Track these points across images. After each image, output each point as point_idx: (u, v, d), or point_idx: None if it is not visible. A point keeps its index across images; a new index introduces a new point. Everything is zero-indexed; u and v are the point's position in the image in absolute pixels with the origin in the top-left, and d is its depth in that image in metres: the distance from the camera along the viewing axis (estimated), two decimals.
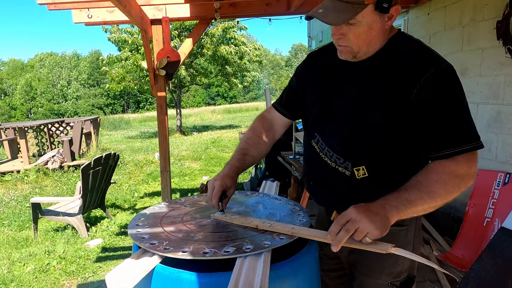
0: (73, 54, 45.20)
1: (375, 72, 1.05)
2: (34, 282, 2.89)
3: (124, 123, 20.45)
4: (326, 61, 1.20)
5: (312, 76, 1.24)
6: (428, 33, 3.58)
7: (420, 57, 1.01)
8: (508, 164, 2.74)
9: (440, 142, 0.98)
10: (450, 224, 3.28)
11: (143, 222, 1.17)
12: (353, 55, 1.06)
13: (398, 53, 1.04)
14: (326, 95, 1.16)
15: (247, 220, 1.13)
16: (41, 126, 8.35)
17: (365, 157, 1.06)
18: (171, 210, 1.29)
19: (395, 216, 0.93)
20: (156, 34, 3.38)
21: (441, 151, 0.98)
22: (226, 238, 1.03)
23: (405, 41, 1.07)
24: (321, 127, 1.16)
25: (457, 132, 0.97)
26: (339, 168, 1.11)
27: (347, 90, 1.11)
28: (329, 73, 1.17)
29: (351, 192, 1.05)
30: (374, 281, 1.18)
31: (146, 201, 5.16)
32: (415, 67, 0.99)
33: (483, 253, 2.42)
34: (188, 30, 12.16)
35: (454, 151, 0.96)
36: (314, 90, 1.21)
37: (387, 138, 1.03)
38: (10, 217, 4.53)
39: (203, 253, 0.93)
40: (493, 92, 2.83)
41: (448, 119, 0.97)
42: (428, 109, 0.98)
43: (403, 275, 1.16)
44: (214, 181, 1.19)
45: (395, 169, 1.07)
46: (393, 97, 1.01)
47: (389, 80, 1.02)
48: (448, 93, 0.97)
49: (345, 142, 1.09)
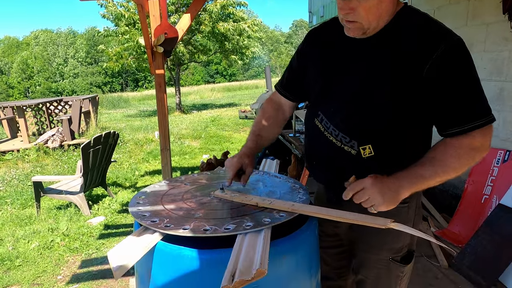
0: (68, 31, 44.27)
1: (383, 48, 1.02)
2: (39, 258, 2.95)
3: (123, 102, 20.29)
4: (328, 37, 1.16)
5: (314, 50, 1.20)
6: (432, 7, 3.48)
7: (429, 31, 0.98)
8: (508, 142, 2.73)
9: (455, 118, 0.97)
10: (448, 201, 3.32)
11: (143, 200, 1.18)
12: (363, 31, 1.02)
13: (406, 27, 1.01)
14: (330, 71, 1.13)
15: (247, 198, 1.13)
16: (40, 105, 8.29)
17: (372, 136, 1.05)
18: (172, 188, 1.29)
19: (407, 193, 0.96)
20: (153, 9, 3.28)
21: (456, 127, 0.97)
22: (226, 215, 1.04)
23: (412, 15, 1.03)
24: (324, 105, 1.13)
25: (471, 108, 0.96)
26: (345, 147, 1.09)
27: (353, 67, 1.07)
28: (333, 48, 1.14)
29: (355, 171, 1.04)
30: (375, 257, 1.18)
31: (147, 179, 5.19)
32: (424, 42, 0.96)
33: (480, 229, 2.46)
34: (186, 6, 11.84)
35: (469, 127, 0.95)
36: (317, 65, 1.18)
37: (395, 115, 1.02)
38: (12, 195, 4.58)
39: (203, 230, 0.94)
40: (496, 68, 2.78)
41: (462, 95, 0.96)
42: (441, 86, 0.96)
43: (403, 251, 1.17)
44: (231, 159, 1.26)
45: (401, 148, 1.06)
46: (402, 73, 0.98)
47: (397, 56, 0.99)
48: (461, 69, 0.96)
49: (351, 121, 1.07)
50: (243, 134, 8.67)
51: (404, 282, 1.22)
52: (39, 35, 41.88)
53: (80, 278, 2.65)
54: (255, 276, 0.78)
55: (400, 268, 1.17)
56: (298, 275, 1.05)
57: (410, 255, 1.19)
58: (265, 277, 0.80)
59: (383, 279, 1.20)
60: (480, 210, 2.72)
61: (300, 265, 1.05)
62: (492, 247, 2.33)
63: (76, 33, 44.05)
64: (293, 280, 1.03)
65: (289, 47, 49.19)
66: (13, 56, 41.02)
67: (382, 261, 1.17)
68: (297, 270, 1.04)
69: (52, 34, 42.21)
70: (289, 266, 1.00)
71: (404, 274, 1.20)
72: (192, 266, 0.92)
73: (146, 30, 3.29)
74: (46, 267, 2.81)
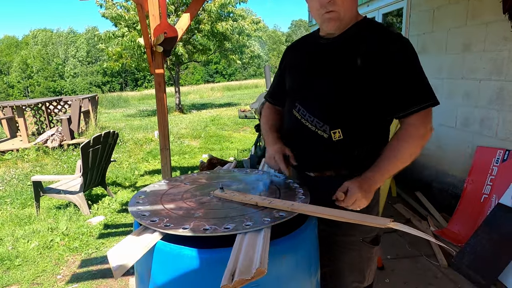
0: (69, 30, 44.22)
1: (349, 48, 1.22)
2: (39, 258, 2.95)
3: (122, 101, 20.27)
4: (302, 46, 1.43)
5: (291, 56, 1.45)
6: (432, 7, 3.49)
7: (386, 35, 1.20)
8: (508, 141, 2.73)
9: (402, 101, 1.17)
10: (447, 200, 3.32)
11: (143, 199, 1.18)
12: (340, 22, 1.21)
13: (368, 32, 1.22)
14: (305, 69, 1.33)
15: (247, 198, 1.14)
16: (39, 104, 8.28)
17: (342, 121, 1.22)
18: (171, 187, 1.29)
19: (378, 186, 1.18)
20: (153, 9, 3.28)
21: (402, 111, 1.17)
22: (226, 215, 1.04)
23: (371, 23, 1.26)
24: (301, 98, 1.32)
25: (413, 92, 1.16)
26: (318, 131, 1.25)
27: (325, 65, 1.27)
28: (306, 52, 1.37)
29: (326, 153, 1.25)
30: (349, 239, 1.31)
31: (147, 179, 5.19)
32: (382, 43, 1.18)
33: (479, 229, 2.46)
34: (185, 5, 11.83)
35: (413, 110, 1.15)
36: (293, 66, 1.41)
37: (360, 103, 1.21)
38: (12, 195, 4.57)
39: (203, 229, 0.94)
40: (496, 68, 2.78)
41: (408, 81, 1.16)
42: (393, 75, 1.16)
43: (372, 233, 1.32)
44: (271, 152, 1.35)
45: (365, 133, 1.25)
46: (365, 67, 1.17)
47: (362, 54, 1.18)
48: (408, 62, 1.16)
49: (324, 108, 1.25)
50: (242, 133, 8.67)
51: (374, 264, 1.38)
52: (37, 35, 41.82)
53: (80, 278, 2.65)
54: (254, 275, 0.78)
55: (370, 249, 1.32)
56: (298, 274, 1.05)
57: (378, 237, 1.35)
58: (265, 276, 0.80)
59: (356, 258, 1.33)
60: (480, 210, 2.73)
61: (300, 265, 1.05)
62: (491, 246, 2.33)
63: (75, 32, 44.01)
64: (293, 279, 1.03)
65: None
66: (12, 55, 40.97)
67: (355, 242, 1.31)
68: (297, 269, 1.04)
69: (51, 34, 42.14)
70: (289, 266, 1.00)
71: (373, 255, 1.35)
72: (192, 265, 0.92)
73: (145, 30, 3.28)
74: (46, 267, 2.81)
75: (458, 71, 3.17)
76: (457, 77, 3.20)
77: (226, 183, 1.27)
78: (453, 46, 3.24)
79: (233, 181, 1.34)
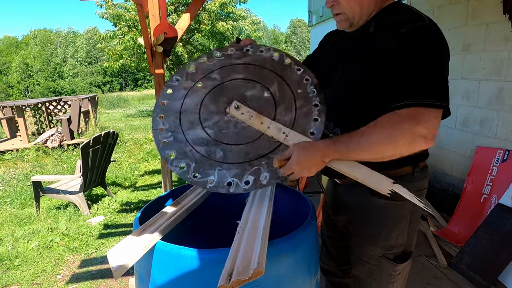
0: (69, 30, 44.23)
1: (362, 40, 1.10)
2: (39, 258, 2.95)
3: (122, 101, 20.26)
4: (332, 39, 1.33)
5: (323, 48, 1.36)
6: (432, 6, 3.48)
7: (402, 18, 1.00)
8: (508, 141, 2.73)
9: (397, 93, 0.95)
10: (447, 200, 3.32)
11: (163, 121, 1.16)
12: (350, 22, 1.11)
13: (388, 20, 1.04)
14: (325, 66, 1.27)
15: (263, 124, 1.09)
16: (39, 104, 8.28)
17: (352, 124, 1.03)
18: (188, 95, 1.21)
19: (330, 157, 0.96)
20: (153, 9, 3.28)
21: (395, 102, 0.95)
22: (244, 157, 1.06)
23: (398, 9, 1.07)
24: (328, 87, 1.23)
25: (409, 85, 0.94)
26: (330, 134, 1.19)
27: (339, 61, 1.19)
28: (331, 47, 1.30)
29: None
30: (368, 252, 1.19)
31: (146, 179, 5.19)
32: (394, 27, 0.99)
33: (479, 229, 2.46)
34: (185, 5, 11.83)
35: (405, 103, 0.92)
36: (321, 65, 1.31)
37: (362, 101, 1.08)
38: (12, 195, 4.57)
39: (227, 184, 1.02)
40: (496, 68, 2.78)
41: (407, 72, 0.95)
42: (389, 62, 0.97)
43: (396, 249, 1.17)
44: None
45: None
46: (370, 59, 1.04)
47: (372, 44, 1.04)
48: (416, 48, 0.95)
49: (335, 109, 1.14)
50: None
51: (399, 281, 1.21)
52: (37, 35, 41.83)
53: (80, 278, 2.65)
54: (252, 276, 0.78)
55: (392, 266, 1.16)
56: (297, 274, 1.05)
57: (405, 255, 1.19)
58: (265, 276, 0.80)
59: (375, 275, 1.20)
60: (479, 210, 2.73)
61: (299, 265, 1.05)
62: (491, 246, 2.33)
63: (76, 33, 44.02)
64: (292, 279, 1.03)
65: (289, 46, 49.12)
66: (12, 55, 40.97)
67: (374, 257, 1.18)
68: (296, 269, 1.04)
69: (50, 34, 42.14)
70: (288, 266, 1.00)
71: (397, 273, 1.18)
72: (192, 265, 0.92)
73: (145, 30, 3.28)
74: (46, 267, 2.81)
75: (458, 71, 3.17)
76: (457, 77, 3.20)
77: (239, 85, 1.18)
78: (453, 46, 3.24)
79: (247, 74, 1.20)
